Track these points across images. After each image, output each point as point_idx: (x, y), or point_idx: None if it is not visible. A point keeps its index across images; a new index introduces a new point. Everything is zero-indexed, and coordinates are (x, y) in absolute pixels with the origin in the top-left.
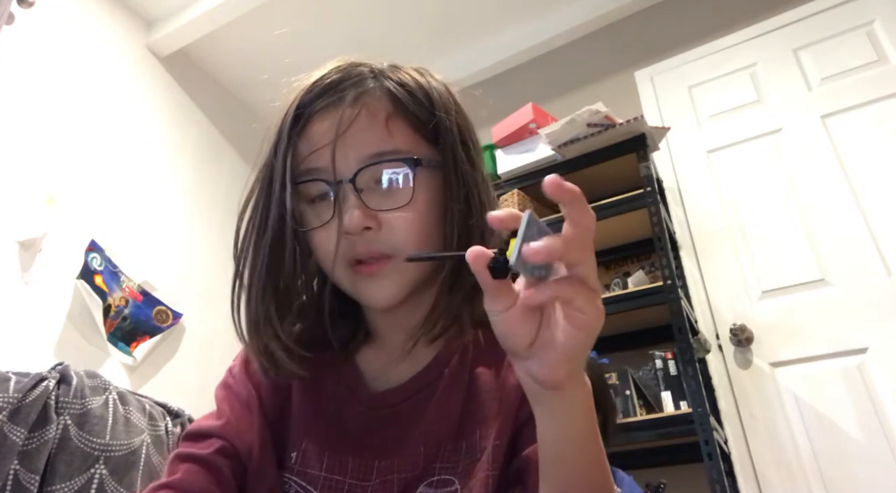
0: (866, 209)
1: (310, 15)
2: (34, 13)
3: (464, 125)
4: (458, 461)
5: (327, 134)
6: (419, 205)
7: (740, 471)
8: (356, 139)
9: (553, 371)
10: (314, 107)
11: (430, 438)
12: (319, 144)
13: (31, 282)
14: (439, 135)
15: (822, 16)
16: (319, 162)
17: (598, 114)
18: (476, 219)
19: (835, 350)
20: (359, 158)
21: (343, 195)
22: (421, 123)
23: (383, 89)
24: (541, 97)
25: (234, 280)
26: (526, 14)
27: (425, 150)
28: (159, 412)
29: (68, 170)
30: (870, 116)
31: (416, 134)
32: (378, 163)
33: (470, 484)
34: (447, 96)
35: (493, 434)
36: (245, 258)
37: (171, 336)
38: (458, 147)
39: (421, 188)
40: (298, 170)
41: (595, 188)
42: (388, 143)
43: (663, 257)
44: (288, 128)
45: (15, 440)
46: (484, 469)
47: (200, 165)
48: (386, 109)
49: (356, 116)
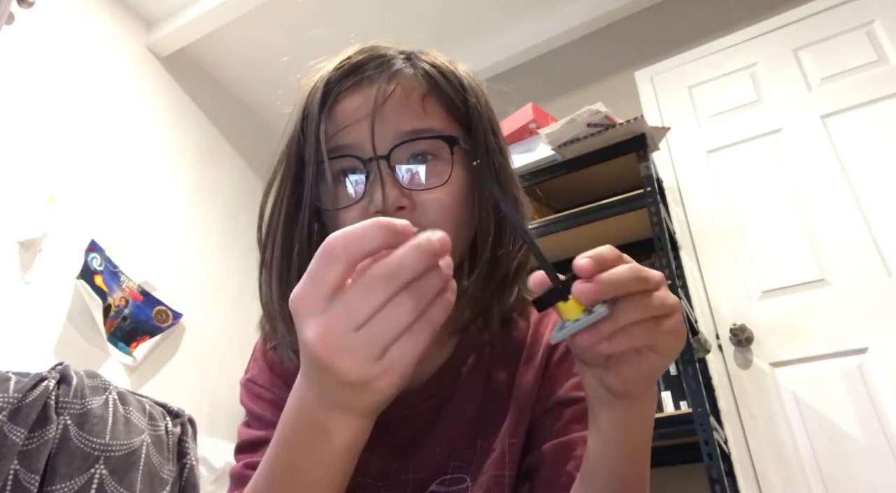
0: (866, 209)
1: (310, 15)
2: (34, 13)
3: (492, 115)
4: (472, 459)
5: (360, 109)
6: (455, 187)
7: (740, 471)
8: (392, 115)
9: (630, 386)
10: (344, 84)
11: (447, 439)
12: (350, 120)
13: (31, 282)
14: (472, 120)
15: (822, 16)
16: (350, 138)
17: (598, 114)
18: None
19: (835, 350)
20: (394, 134)
21: (376, 173)
22: (454, 105)
23: (417, 69)
24: (541, 97)
25: (261, 267)
26: (526, 14)
27: (459, 133)
28: (159, 412)
29: (68, 170)
30: (870, 116)
31: (450, 116)
32: (415, 139)
33: (482, 482)
34: (476, 84)
35: (509, 434)
36: (275, 239)
37: (171, 336)
38: (490, 135)
39: (456, 169)
40: (327, 146)
41: (595, 188)
42: (424, 121)
43: (663, 257)
44: (318, 104)
45: (15, 440)
46: (499, 468)
47: (200, 165)
48: (421, 87)
49: (391, 92)
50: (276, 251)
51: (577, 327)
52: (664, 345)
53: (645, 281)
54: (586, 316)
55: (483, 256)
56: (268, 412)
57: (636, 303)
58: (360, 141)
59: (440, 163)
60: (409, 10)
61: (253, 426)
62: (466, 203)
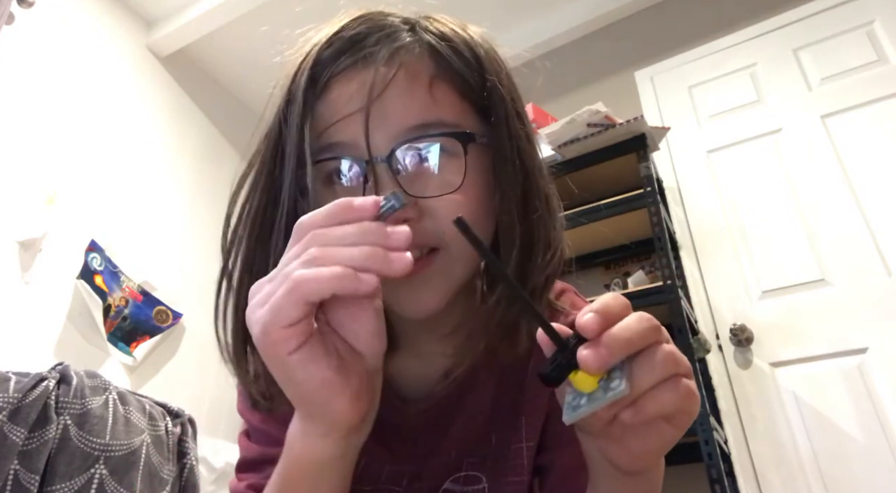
0: (866, 209)
1: (310, 15)
2: (34, 13)
3: (516, 93)
4: (487, 456)
5: (354, 99)
6: (470, 191)
7: (740, 471)
8: (393, 107)
9: (638, 461)
10: (337, 65)
11: (460, 440)
12: (344, 113)
13: (31, 282)
14: (492, 104)
15: (822, 16)
16: (343, 135)
17: (598, 114)
18: (541, 211)
19: (835, 350)
20: (396, 132)
21: (375, 178)
22: (469, 88)
23: (423, 44)
24: (541, 97)
25: (221, 279)
26: (526, 14)
27: (474, 122)
28: (159, 412)
29: (68, 170)
30: (870, 116)
31: (464, 102)
32: (420, 137)
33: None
34: (496, 56)
35: (526, 436)
36: (240, 249)
37: (171, 336)
38: (514, 119)
39: (472, 170)
40: (316, 144)
41: (595, 188)
42: (433, 112)
43: (663, 257)
44: (303, 90)
45: (15, 440)
46: (519, 473)
47: (200, 165)
48: (429, 69)
49: (392, 78)
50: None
51: (592, 407)
52: (682, 412)
53: (658, 331)
54: (604, 386)
55: (510, 265)
56: (269, 426)
57: (653, 359)
58: (356, 138)
59: (453, 161)
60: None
61: (253, 438)
62: (485, 207)
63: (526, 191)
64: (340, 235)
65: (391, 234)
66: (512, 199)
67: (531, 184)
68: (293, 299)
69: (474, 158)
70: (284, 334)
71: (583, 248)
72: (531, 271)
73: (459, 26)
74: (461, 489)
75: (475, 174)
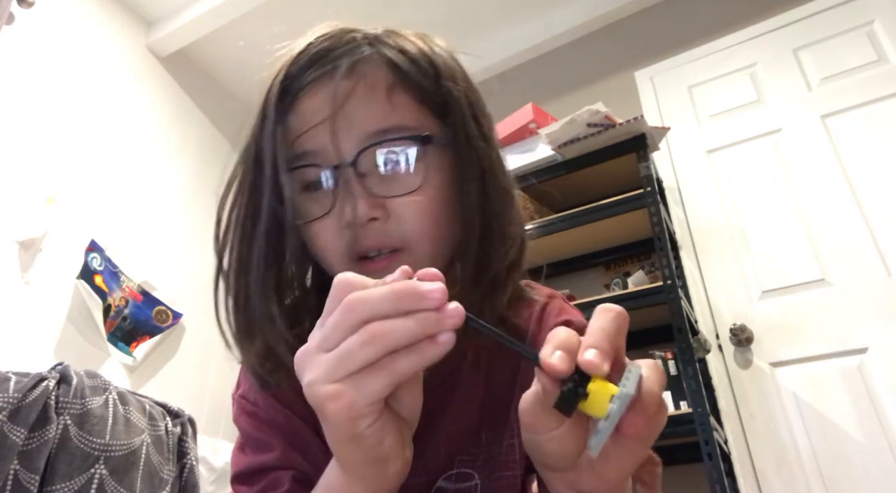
0: (866, 209)
1: (310, 15)
2: (34, 13)
3: (474, 97)
4: (479, 453)
5: (320, 110)
6: (431, 189)
7: (740, 471)
8: (355, 115)
9: (608, 485)
10: (304, 79)
11: (451, 437)
12: (312, 123)
13: (31, 282)
14: (448, 108)
15: (822, 16)
16: (313, 144)
17: (598, 114)
18: (497, 203)
19: (835, 350)
20: (359, 138)
21: (343, 181)
22: (426, 94)
23: (381, 57)
24: (541, 97)
25: (217, 276)
26: (526, 14)
27: (433, 125)
28: (159, 412)
29: (68, 170)
30: (870, 116)
31: (422, 107)
32: (382, 142)
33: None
34: (453, 64)
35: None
36: (232, 251)
37: (171, 336)
38: (470, 121)
39: (432, 169)
40: (290, 153)
41: (595, 188)
42: (391, 118)
43: (663, 257)
44: (274, 103)
45: (15, 440)
46: (512, 468)
47: (200, 165)
48: (386, 79)
49: (353, 89)
50: (238, 263)
51: (610, 424)
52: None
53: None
54: (615, 403)
55: (470, 257)
56: (262, 433)
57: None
58: (324, 146)
59: (414, 163)
60: (409, 11)
61: (248, 450)
62: (446, 204)
63: (484, 187)
64: (402, 330)
65: (445, 315)
66: (471, 194)
67: (489, 181)
68: (392, 380)
69: (434, 158)
70: (368, 410)
71: (583, 248)
72: (493, 257)
73: (420, 38)
74: (454, 486)
75: (435, 174)
